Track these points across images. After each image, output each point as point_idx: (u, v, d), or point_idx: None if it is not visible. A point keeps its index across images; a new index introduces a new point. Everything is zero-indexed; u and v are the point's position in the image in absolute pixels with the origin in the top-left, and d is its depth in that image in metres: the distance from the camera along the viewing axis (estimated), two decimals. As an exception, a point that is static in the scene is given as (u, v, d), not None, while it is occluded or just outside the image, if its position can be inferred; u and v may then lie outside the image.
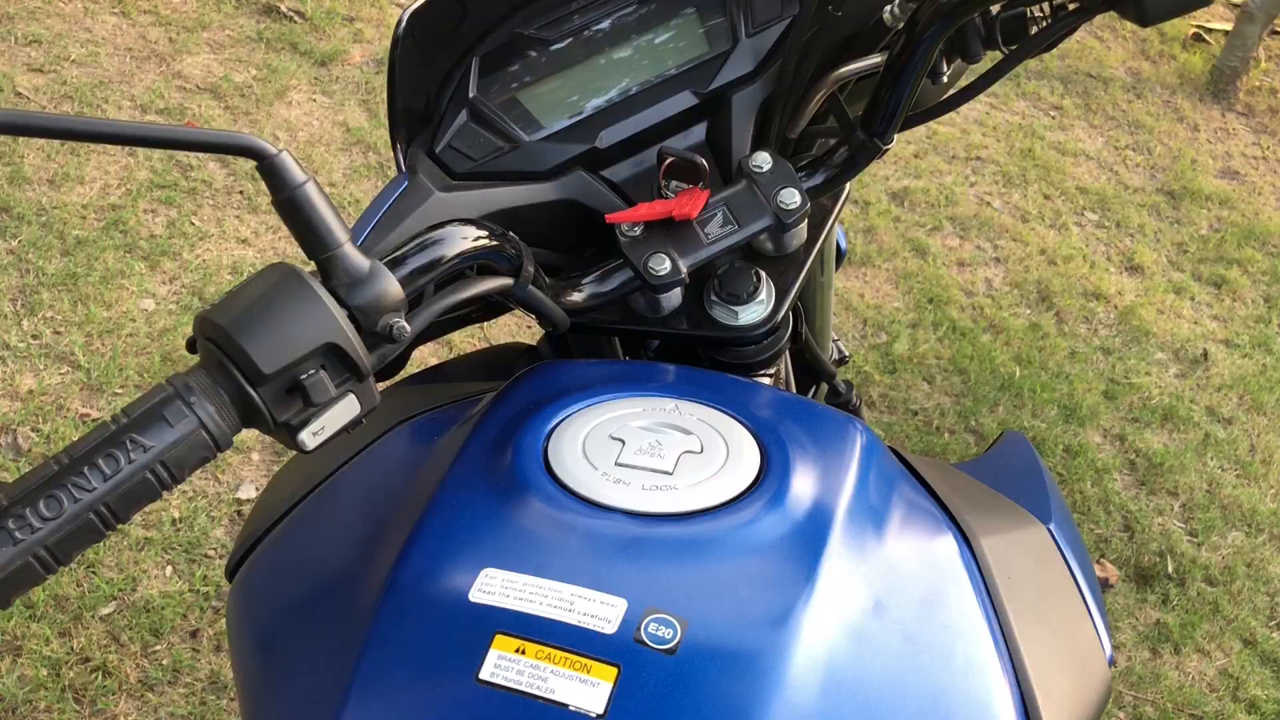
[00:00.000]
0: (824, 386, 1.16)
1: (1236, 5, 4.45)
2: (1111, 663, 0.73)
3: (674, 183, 0.85)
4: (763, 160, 0.83)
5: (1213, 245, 3.18)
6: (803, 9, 0.89)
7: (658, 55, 0.90)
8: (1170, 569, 2.22)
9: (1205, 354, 2.81)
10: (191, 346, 0.64)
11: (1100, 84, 3.80)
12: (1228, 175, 3.53)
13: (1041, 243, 3.03)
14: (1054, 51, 3.93)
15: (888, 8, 0.84)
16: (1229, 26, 4.20)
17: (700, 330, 0.85)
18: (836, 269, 1.21)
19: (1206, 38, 4.25)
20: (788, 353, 0.97)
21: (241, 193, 2.47)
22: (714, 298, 0.85)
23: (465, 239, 0.70)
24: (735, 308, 0.84)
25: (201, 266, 2.28)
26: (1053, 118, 3.58)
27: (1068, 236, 3.08)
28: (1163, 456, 2.46)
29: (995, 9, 0.79)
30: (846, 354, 1.24)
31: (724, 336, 0.85)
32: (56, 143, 2.45)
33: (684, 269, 0.80)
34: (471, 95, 0.88)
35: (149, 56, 2.76)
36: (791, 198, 0.82)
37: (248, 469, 1.93)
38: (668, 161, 0.84)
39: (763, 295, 0.85)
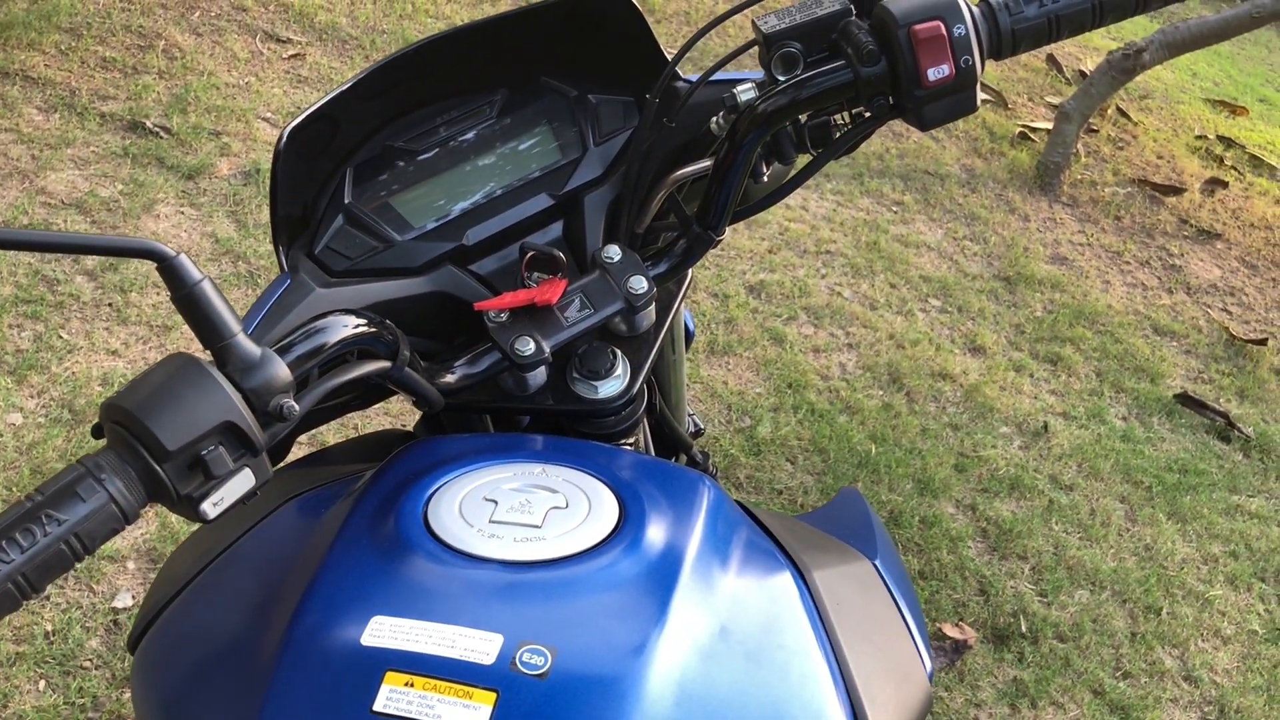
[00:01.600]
0: (683, 457, 1.26)
1: (1055, 106, 4.84)
2: (931, 677, 0.82)
3: (535, 274, 0.95)
4: (613, 252, 0.94)
5: (1047, 325, 3.42)
6: (641, 121, 1.01)
7: (517, 162, 1.00)
8: (1024, 628, 2.36)
9: (1046, 426, 3.01)
10: (97, 432, 0.70)
11: (938, 180, 4.07)
12: (1057, 261, 3.81)
13: (890, 328, 3.22)
14: (894, 151, 4.21)
15: (714, 119, 0.96)
16: (1050, 125, 4.56)
17: (564, 404, 0.94)
18: (686, 348, 1.31)
19: (1031, 135, 4.60)
20: (646, 424, 1.06)
21: (110, 305, 2.48)
22: (575, 374, 0.94)
23: (346, 326, 0.78)
24: (595, 383, 0.93)
25: (71, 379, 2.27)
26: (895, 212, 3.83)
27: (914, 322, 3.28)
28: (1012, 523, 2.62)
29: (803, 118, 0.92)
30: (702, 426, 1.34)
31: (586, 409, 0.94)
32: (-85, 261, 2.43)
33: (547, 349, 0.89)
34: (347, 201, 0.96)
35: (11, 173, 2.76)
36: (639, 284, 0.92)
37: (123, 578, 1.92)
38: (529, 255, 0.94)
39: (619, 371, 0.94)
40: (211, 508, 0.67)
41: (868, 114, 0.89)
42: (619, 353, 0.95)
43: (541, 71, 1.04)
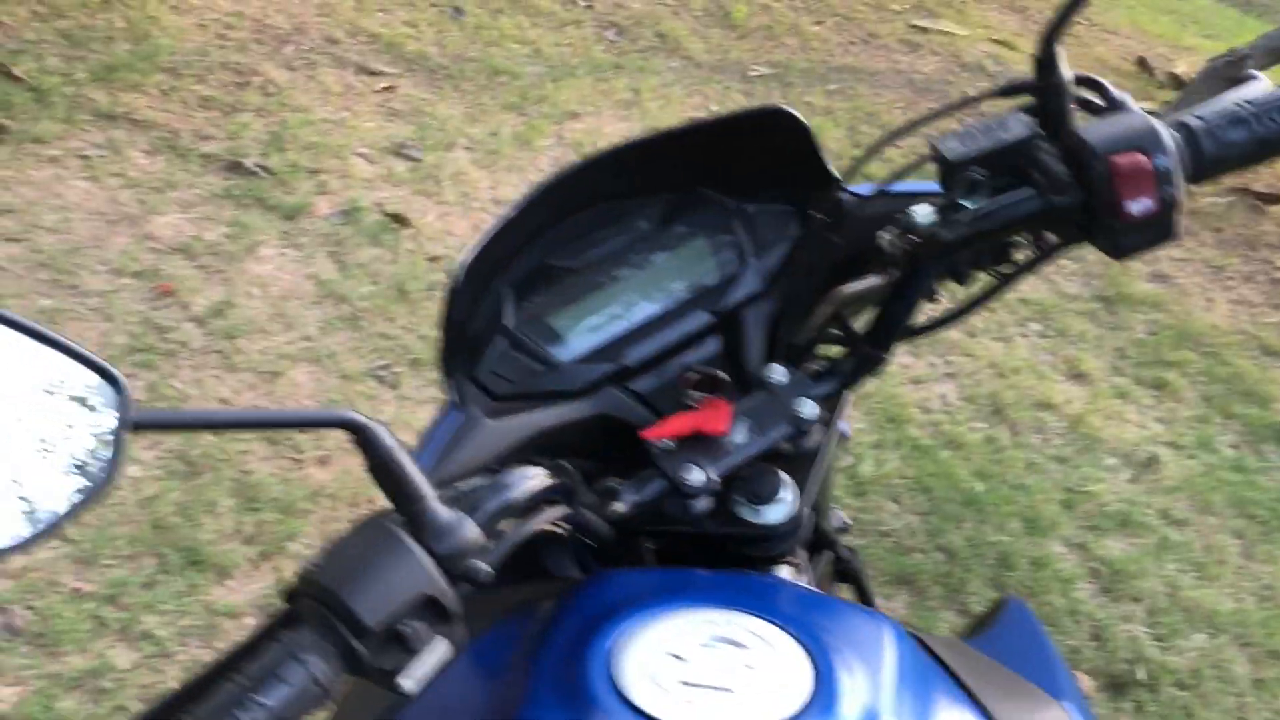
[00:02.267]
0: (826, 554, 1.24)
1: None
2: None
3: (696, 393, 0.94)
4: (779, 373, 0.92)
5: (1150, 348, 3.34)
6: (803, 232, 0.99)
7: (675, 276, 0.99)
8: (1141, 675, 2.30)
9: (1154, 457, 2.94)
10: (289, 597, 0.70)
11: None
12: (1157, 278, 3.71)
13: (990, 356, 3.16)
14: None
15: (884, 235, 0.93)
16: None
17: (728, 529, 0.92)
18: (841, 448, 1.29)
19: (1125, 146, 4.48)
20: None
21: (219, 352, 2.52)
22: (739, 498, 0.93)
23: (530, 479, 0.77)
24: (760, 507, 0.92)
25: (185, 429, 2.32)
26: (990, 232, 3.76)
27: (1014, 348, 3.22)
28: (1123, 563, 2.56)
29: None
30: (849, 522, 1.32)
31: (751, 534, 0.92)
32: (35, 311, 2.50)
33: (715, 478, 0.88)
34: (508, 324, 0.96)
35: (120, 219, 2.82)
36: (807, 408, 0.90)
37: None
38: (695, 377, 0.93)
39: (784, 494, 0.92)
40: (410, 682, 0.67)
41: (1053, 238, 0.87)
42: (784, 475, 0.93)
43: (698, 182, 1.02)
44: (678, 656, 0.75)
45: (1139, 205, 0.79)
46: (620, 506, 0.88)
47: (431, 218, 3.10)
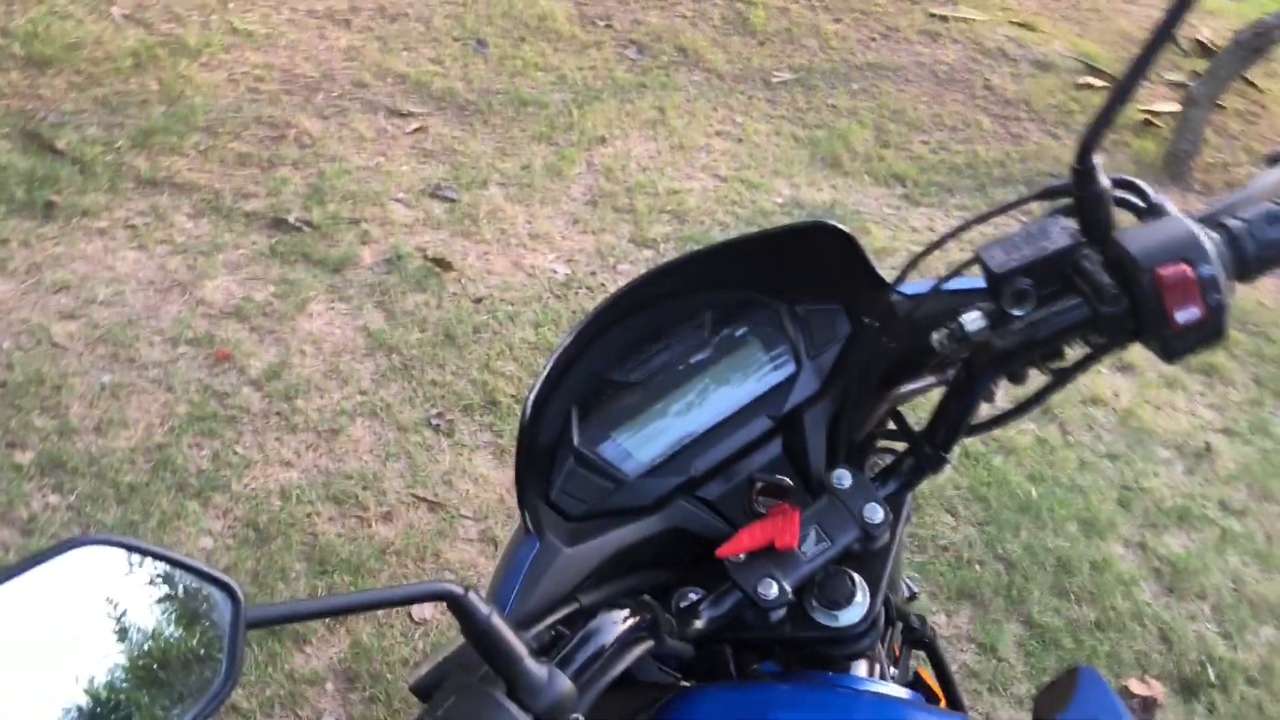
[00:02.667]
0: (898, 625, 1.26)
1: (1175, 84, 4.67)
2: None
3: (765, 499, 0.97)
4: (844, 478, 0.95)
5: (1196, 334, 3.31)
6: (855, 328, 1.02)
7: (733, 382, 1.02)
8: (1212, 676, 2.31)
9: (1208, 446, 2.93)
10: None
11: (1063, 173, 3.97)
12: (1199, 259, 3.68)
13: (1035, 355, 3.15)
14: (1014, 155, 4.12)
15: (936, 336, 0.95)
16: (1175, 106, 4.41)
17: (806, 633, 0.95)
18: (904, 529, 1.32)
19: (1155, 121, 4.45)
20: None
21: (279, 414, 2.58)
22: (814, 603, 0.96)
23: (615, 624, 0.81)
24: (835, 611, 0.95)
25: (251, 496, 2.38)
26: (1027, 219, 3.74)
27: (1059, 345, 3.21)
28: (1185, 560, 2.56)
29: None
30: (916, 590, 1.35)
31: (830, 637, 0.95)
32: (97, 388, 2.57)
33: (789, 590, 0.91)
34: (575, 443, 0.99)
35: (171, 287, 2.89)
36: (875, 513, 0.93)
37: (324, 700, 2.01)
38: (760, 485, 0.96)
39: (859, 596, 0.95)
40: None
41: (1105, 341, 0.89)
42: (856, 577, 0.96)
43: (748, 287, 1.05)
44: None
45: (1187, 314, 0.81)
46: (699, 623, 0.91)
47: (472, 259, 3.15)
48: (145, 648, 0.62)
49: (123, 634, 0.61)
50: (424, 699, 0.97)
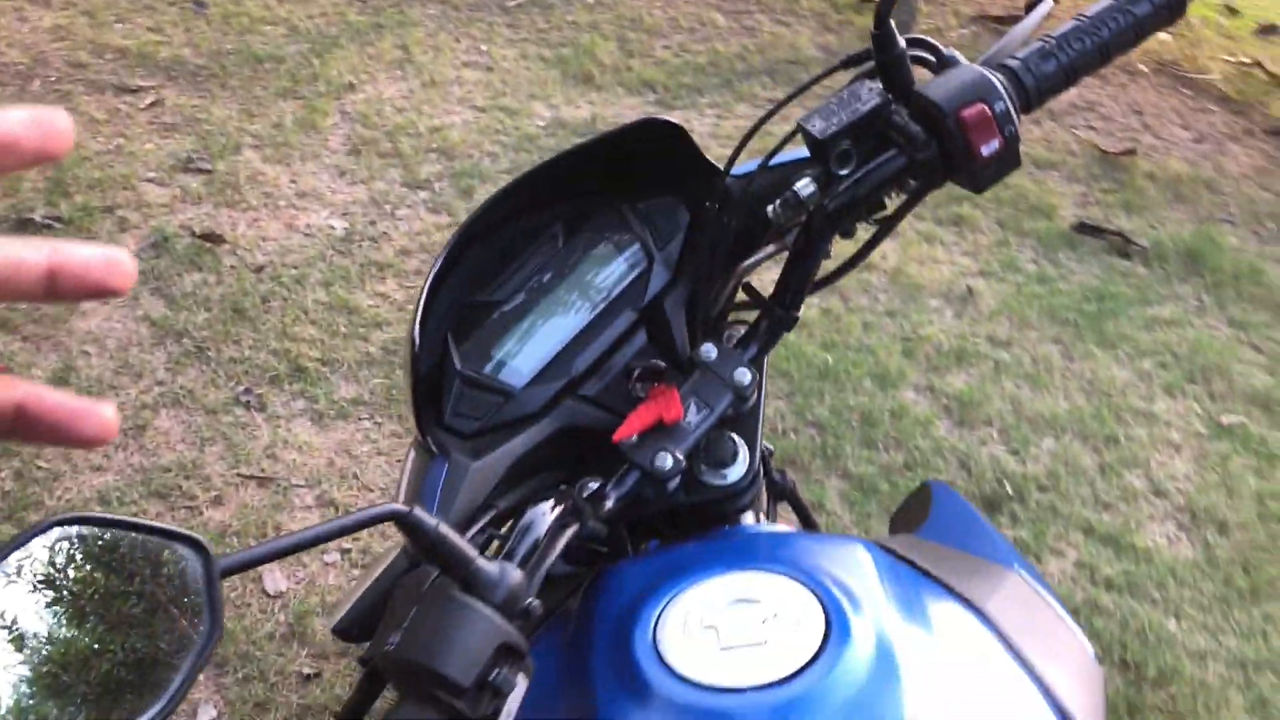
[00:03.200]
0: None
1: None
2: (1097, 658, 0.97)
3: (642, 385, 1.04)
4: (710, 350, 1.03)
5: (942, 189, 3.59)
6: (694, 216, 1.09)
7: (592, 285, 1.08)
8: (1009, 490, 2.57)
9: (970, 290, 3.21)
10: (369, 675, 0.78)
11: (802, 68, 4.17)
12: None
13: (806, 233, 3.35)
14: (752, 47, 4.28)
15: (771, 208, 1.03)
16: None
17: (700, 496, 1.04)
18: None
19: (872, -1, 4.70)
20: None
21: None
22: (703, 467, 1.04)
23: (545, 514, 0.87)
24: (723, 471, 1.04)
25: (68, 508, 2.28)
26: (764, 104, 3.93)
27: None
28: (968, 394, 2.82)
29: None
30: (771, 448, 1.46)
31: (721, 495, 1.04)
32: None
33: (682, 458, 0.99)
34: (458, 367, 1.03)
35: (-80, 308, 2.68)
36: (744, 376, 1.02)
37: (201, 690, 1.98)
38: (637, 371, 1.03)
39: (740, 454, 1.04)
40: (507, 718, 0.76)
41: (920, 184, 0.99)
42: (736, 438, 1.05)
43: (591, 193, 1.11)
44: (710, 627, 0.86)
45: (989, 147, 0.93)
46: (608, 505, 0.98)
47: (243, 228, 3.05)
48: (127, 618, 0.63)
49: (105, 609, 0.63)
50: (348, 639, 1.01)
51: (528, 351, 1.06)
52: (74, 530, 0.62)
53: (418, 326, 0.97)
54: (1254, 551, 2.49)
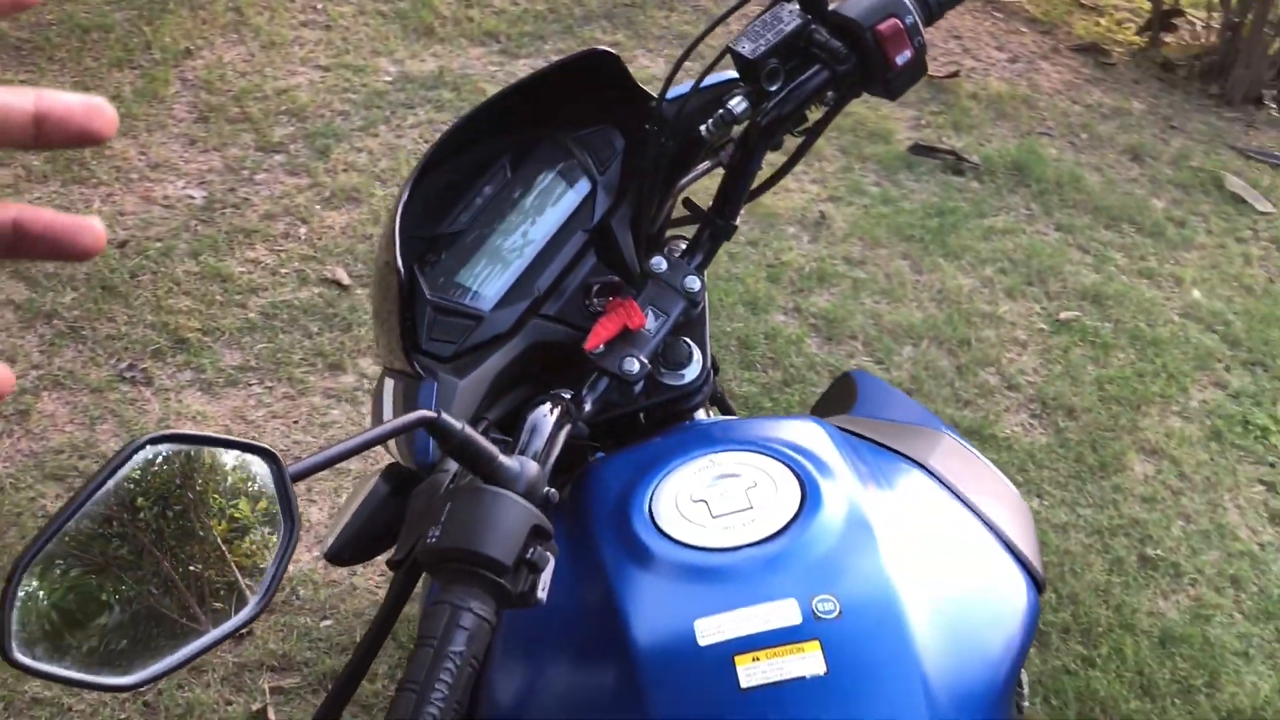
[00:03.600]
0: None
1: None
2: (1019, 498, 1.11)
3: (601, 300, 1.13)
4: (660, 262, 1.12)
5: (786, 122, 3.75)
6: (630, 141, 1.18)
7: (543, 211, 1.16)
8: (879, 396, 2.75)
9: (822, 215, 3.38)
10: (409, 570, 0.85)
11: (641, 10, 4.25)
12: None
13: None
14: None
15: (703, 127, 1.13)
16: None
17: (663, 396, 1.13)
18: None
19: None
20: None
21: None
22: (663, 370, 1.14)
23: (547, 415, 0.95)
24: (680, 371, 1.13)
25: None
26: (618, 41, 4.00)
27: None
28: (832, 312, 2.99)
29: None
30: (718, 364, 1.56)
31: (681, 394, 1.14)
32: None
33: (646, 362, 1.08)
34: (428, 296, 1.10)
35: None
36: (694, 283, 1.12)
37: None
38: (595, 287, 1.12)
39: (695, 355, 1.14)
40: (544, 593, 0.84)
41: (840, 96, 1.10)
42: (689, 341, 1.15)
43: (533, 125, 1.18)
44: (700, 500, 0.96)
45: (902, 57, 1.05)
46: (588, 408, 1.07)
47: (98, 205, 2.97)
48: (219, 522, 0.69)
49: (197, 516, 0.68)
50: (340, 564, 1.07)
51: (491, 277, 1.13)
52: (163, 448, 0.68)
53: (399, 260, 1.03)
54: (1099, 431, 2.75)
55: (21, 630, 0.60)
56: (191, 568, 0.68)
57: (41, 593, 0.61)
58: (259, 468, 0.71)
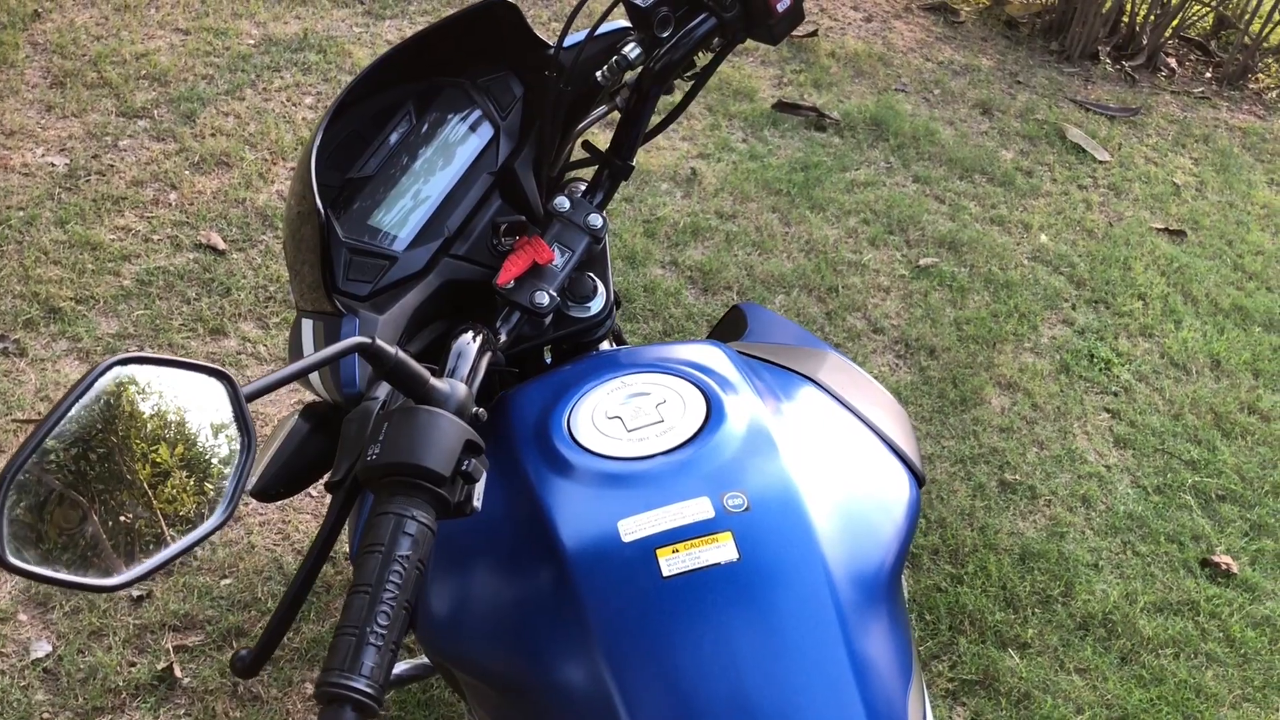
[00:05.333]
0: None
1: None
2: (899, 402, 1.22)
3: (508, 239, 1.19)
4: (563, 202, 1.19)
5: (654, 82, 3.82)
6: (527, 90, 1.23)
7: (450, 155, 1.21)
8: (755, 342, 2.87)
9: (693, 171, 3.47)
10: (336, 488, 0.90)
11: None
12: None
13: (537, 131, 3.49)
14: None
15: (599, 73, 1.20)
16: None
17: (571, 328, 1.20)
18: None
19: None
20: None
21: None
22: (569, 303, 1.20)
23: (471, 342, 1.01)
24: (587, 304, 1.20)
25: None
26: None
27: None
28: (707, 264, 3.09)
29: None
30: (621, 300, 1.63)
31: (587, 325, 1.21)
32: None
33: (555, 295, 1.15)
34: (342, 238, 1.14)
35: None
36: (596, 220, 1.19)
37: (27, 630, 1.96)
38: (503, 226, 1.17)
39: (599, 289, 1.21)
40: (479, 502, 0.90)
41: (723, 40, 1.18)
42: (593, 276, 1.22)
43: (434, 73, 1.22)
44: (615, 417, 1.04)
45: (782, 4, 1.13)
46: (504, 339, 1.13)
47: (-48, 173, 2.86)
48: (181, 438, 0.73)
49: (161, 432, 0.73)
50: (267, 499, 1.12)
51: (404, 217, 1.18)
52: (129, 369, 0.72)
53: (319, 204, 1.07)
54: (959, 369, 2.92)
55: (12, 539, 0.64)
56: (158, 482, 0.72)
57: (24, 504, 0.65)
58: (215, 387, 0.76)
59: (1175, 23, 4.61)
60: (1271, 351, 3.19)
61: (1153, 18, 4.59)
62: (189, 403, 0.74)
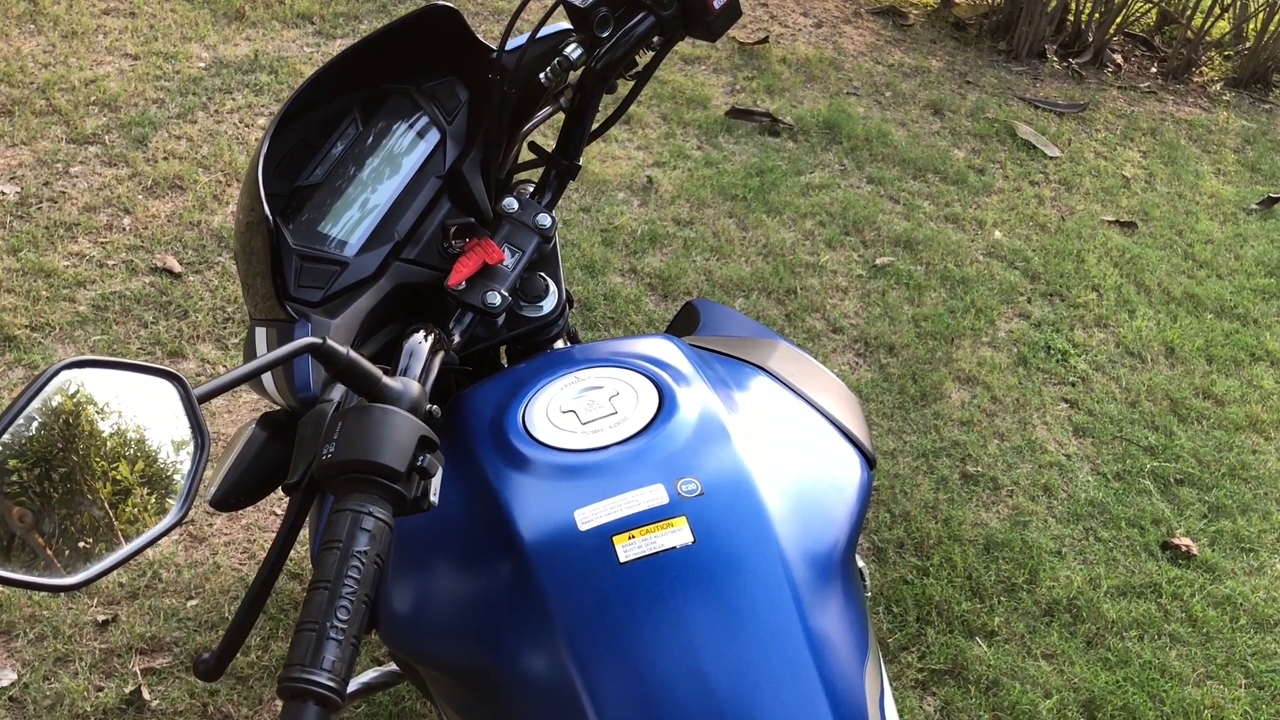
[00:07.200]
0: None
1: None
2: (852, 389, 1.23)
3: (458, 242, 1.19)
4: (512, 203, 1.20)
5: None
6: (472, 94, 1.24)
7: (396, 161, 1.21)
8: (716, 346, 2.88)
9: (650, 180, 3.49)
10: (292, 490, 0.90)
11: (456, -9, 4.27)
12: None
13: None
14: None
15: (542, 75, 1.21)
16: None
17: (524, 327, 1.21)
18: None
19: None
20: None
21: None
22: (521, 304, 1.21)
23: (423, 342, 1.01)
24: (539, 304, 1.21)
25: None
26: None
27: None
28: (666, 270, 3.11)
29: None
30: (574, 298, 1.64)
31: (540, 325, 1.22)
32: None
33: (507, 295, 1.16)
34: (293, 245, 1.14)
35: None
36: (545, 220, 1.20)
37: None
38: (453, 229, 1.18)
39: (551, 289, 1.22)
40: (435, 497, 0.91)
41: (662, 40, 1.20)
42: (544, 276, 1.23)
43: (379, 80, 1.23)
44: (570, 410, 1.05)
45: (719, 1, 1.15)
46: (457, 340, 1.13)
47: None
48: (134, 441, 0.74)
49: (111, 435, 0.73)
50: (227, 509, 1.12)
51: (352, 225, 1.18)
52: (78, 373, 0.72)
53: (267, 212, 1.08)
54: (918, 365, 2.95)
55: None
56: (111, 485, 0.72)
57: (-23, 508, 0.65)
58: (166, 389, 0.76)
59: (1120, 20, 4.70)
60: (1224, 338, 3.25)
61: (1097, 15, 4.67)
62: (140, 405, 0.74)
